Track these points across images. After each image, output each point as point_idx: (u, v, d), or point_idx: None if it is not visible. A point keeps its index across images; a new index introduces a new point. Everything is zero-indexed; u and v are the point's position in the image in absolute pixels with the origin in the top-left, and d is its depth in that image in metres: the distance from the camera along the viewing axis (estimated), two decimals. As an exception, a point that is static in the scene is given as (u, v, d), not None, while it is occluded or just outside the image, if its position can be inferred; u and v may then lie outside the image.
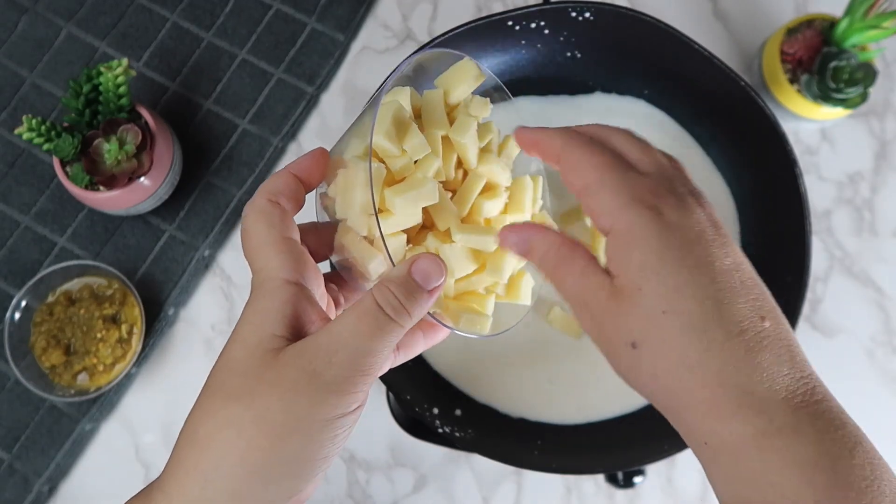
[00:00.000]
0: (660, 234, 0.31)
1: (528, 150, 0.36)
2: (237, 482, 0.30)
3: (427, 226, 0.37)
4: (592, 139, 0.34)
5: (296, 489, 0.32)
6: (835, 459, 0.29)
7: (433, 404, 0.59)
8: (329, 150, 0.37)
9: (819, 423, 0.29)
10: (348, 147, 0.36)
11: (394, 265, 0.33)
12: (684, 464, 0.63)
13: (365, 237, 0.35)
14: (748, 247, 0.62)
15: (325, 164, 0.36)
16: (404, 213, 0.34)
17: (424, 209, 0.35)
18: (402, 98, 0.37)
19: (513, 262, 0.38)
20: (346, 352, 0.31)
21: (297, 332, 0.33)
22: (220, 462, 0.31)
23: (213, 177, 0.67)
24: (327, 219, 0.37)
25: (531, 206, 0.40)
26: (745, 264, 0.32)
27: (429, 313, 0.34)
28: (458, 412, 0.60)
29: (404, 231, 0.36)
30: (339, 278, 0.39)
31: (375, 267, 0.35)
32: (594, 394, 0.60)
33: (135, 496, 0.34)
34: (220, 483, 0.30)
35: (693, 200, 0.34)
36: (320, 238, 0.38)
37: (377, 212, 0.33)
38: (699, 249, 0.31)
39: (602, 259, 0.34)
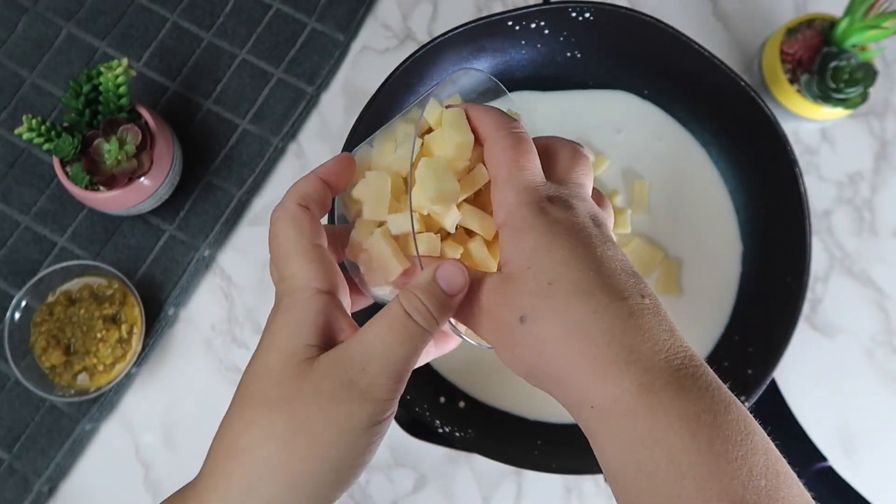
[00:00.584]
0: (548, 224, 0.33)
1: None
2: (279, 491, 0.32)
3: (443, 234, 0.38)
4: (521, 135, 0.36)
5: (332, 497, 0.33)
6: (715, 414, 0.30)
7: (433, 404, 0.59)
8: (352, 153, 0.38)
9: (700, 382, 0.31)
10: (383, 152, 0.37)
11: (421, 268, 0.34)
12: (684, 464, 0.63)
13: (398, 236, 0.36)
14: (748, 247, 0.62)
15: (352, 170, 0.37)
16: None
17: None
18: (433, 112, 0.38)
19: None
20: (379, 361, 0.32)
21: (328, 341, 0.34)
22: (262, 472, 0.32)
23: (213, 177, 0.67)
24: (343, 222, 0.38)
25: None
26: (626, 259, 0.34)
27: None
28: (458, 411, 0.60)
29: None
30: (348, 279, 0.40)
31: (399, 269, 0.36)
32: (594, 394, 0.60)
33: (166, 501, 0.34)
34: (264, 492, 0.31)
35: (583, 206, 0.35)
36: (333, 240, 0.38)
37: (412, 209, 0.34)
38: (582, 234, 0.33)
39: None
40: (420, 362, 0.39)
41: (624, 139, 0.64)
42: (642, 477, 0.30)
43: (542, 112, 0.64)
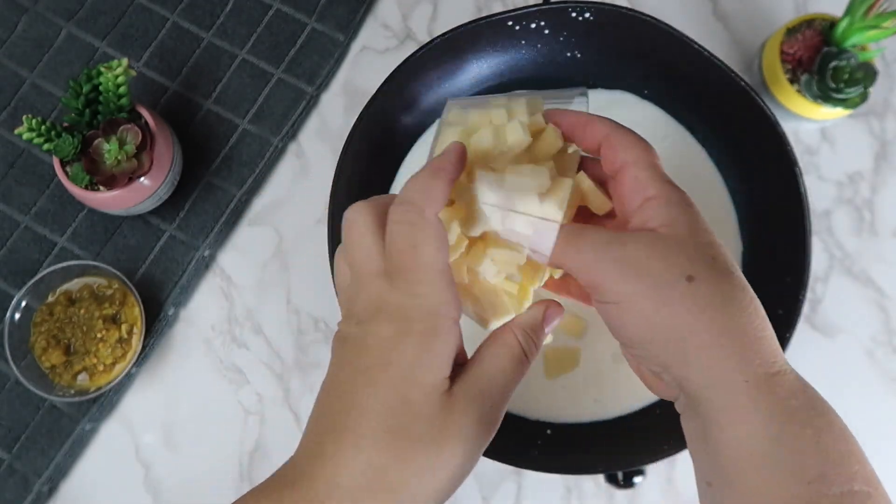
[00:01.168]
0: (696, 210, 0.36)
1: (568, 133, 0.39)
2: None
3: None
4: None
5: None
6: (826, 407, 0.34)
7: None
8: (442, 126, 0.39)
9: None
10: (481, 149, 0.38)
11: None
12: (684, 464, 0.63)
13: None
14: (748, 247, 0.62)
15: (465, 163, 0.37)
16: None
17: None
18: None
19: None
20: (501, 395, 0.35)
21: (455, 369, 0.35)
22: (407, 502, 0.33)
23: (213, 177, 0.67)
24: None
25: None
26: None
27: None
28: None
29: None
30: None
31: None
32: (594, 393, 0.60)
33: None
34: None
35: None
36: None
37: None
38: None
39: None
40: None
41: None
42: (784, 454, 0.32)
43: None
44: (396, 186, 0.64)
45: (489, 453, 0.56)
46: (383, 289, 0.34)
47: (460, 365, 0.35)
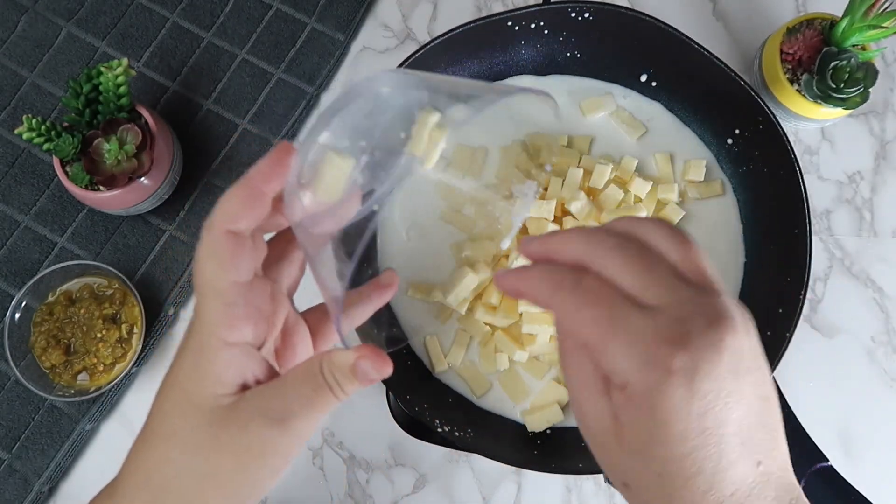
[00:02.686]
0: (670, 399, 0.29)
1: (509, 293, 0.34)
2: None
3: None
4: (579, 274, 0.31)
5: None
6: None
7: (433, 404, 0.59)
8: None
9: None
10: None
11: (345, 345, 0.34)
12: (684, 464, 0.63)
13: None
14: (749, 247, 0.62)
15: (288, 163, 0.32)
16: None
17: None
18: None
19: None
20: (299, 422, 0.33)
21: (242, 387, 0.34)
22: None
23: (213, 177, 0.67)
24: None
25: None
26: (764, 411, 0.31)
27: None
28: (458, 412, 0.60)
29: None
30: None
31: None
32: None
33: None
34: None
35: (712, 345, 0.29)
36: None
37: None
38: (709, 418, 0.30)
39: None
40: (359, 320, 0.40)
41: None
42: None
43: (541, 113, 0.64)
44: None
45: (489, 453, 0.57)
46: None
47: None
